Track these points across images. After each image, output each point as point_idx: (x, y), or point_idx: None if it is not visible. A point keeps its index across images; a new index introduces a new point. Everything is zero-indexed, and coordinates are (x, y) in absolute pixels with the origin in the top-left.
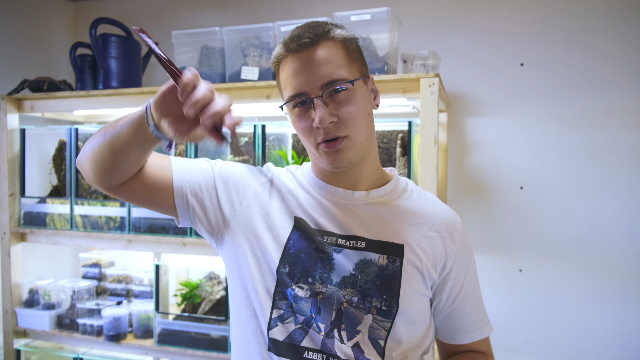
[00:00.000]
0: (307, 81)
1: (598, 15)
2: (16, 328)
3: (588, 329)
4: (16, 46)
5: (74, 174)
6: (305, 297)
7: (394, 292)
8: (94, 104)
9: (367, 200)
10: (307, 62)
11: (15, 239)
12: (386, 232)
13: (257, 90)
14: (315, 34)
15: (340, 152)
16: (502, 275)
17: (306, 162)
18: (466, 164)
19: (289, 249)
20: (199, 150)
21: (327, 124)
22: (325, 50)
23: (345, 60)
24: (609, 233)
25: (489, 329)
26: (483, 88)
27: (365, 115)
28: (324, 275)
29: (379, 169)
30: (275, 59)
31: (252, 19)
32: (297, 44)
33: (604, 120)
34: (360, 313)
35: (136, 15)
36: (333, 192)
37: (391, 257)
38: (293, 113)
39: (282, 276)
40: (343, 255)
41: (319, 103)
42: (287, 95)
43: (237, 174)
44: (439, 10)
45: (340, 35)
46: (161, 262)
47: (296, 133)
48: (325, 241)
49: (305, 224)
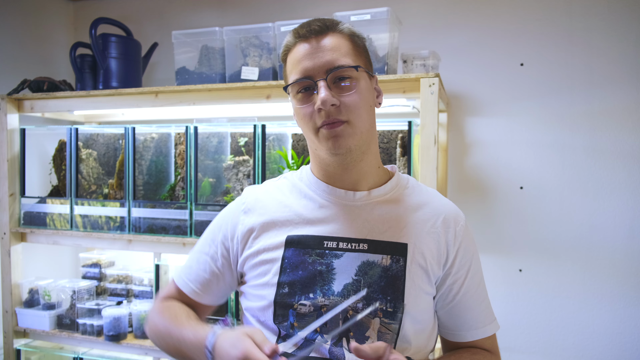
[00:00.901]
0: (312, 65)
1: (598, 15)
2: (16, 328)
3: (588, 329)
4: (16, 46)
5: (74, 174)
6: (309, 312)
7: (399, 293)
8: (94, 104)
9: (369, 200)
10: (314, 48)
11: (15, 239)
12: (389, 231)
13: (257, 90)
14: (324, 24)
15: (340, 138)
16: (502, 275)
17: (304, 165)
18: (466, 164)
19: (285, 268)
20: (199, 150)
21: (328, 105)
22: (333, 40)
23: (352, 51)
24: (609, 233)
25: (495, 327)
26: (483, 88)
27: (368, 107)
28: (324, 287)
29: (380, 166)
30: (285, 47)
31: (252, 19)
32: (306, 30)
33: (604, 120)
34: (367, 318)
35: (136, 15)
36: (334, 193)
37: (395, 257)
38: (296, 98)
39: (282, 298)
40: (344, 260)
41: (323, 85)
42: (292, 78)
43: (219, 237)
44: (439, 10)
45: (348, 29)
46: (161, 262)
47: (296, 132)
48: (325, 247)
49: (299, 237)
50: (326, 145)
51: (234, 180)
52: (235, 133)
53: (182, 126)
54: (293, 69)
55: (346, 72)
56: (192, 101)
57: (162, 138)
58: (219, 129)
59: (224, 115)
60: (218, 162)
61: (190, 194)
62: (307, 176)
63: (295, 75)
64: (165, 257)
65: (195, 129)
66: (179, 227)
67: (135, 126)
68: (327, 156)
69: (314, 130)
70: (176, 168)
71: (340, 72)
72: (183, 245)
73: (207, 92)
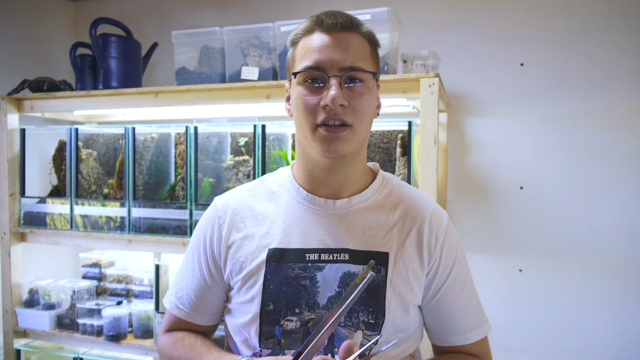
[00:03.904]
0: (330, 59)
1: (598, 15)
2: (16, 328)
3: (588, 329)
4: (16, 46)
5: (74, 174)
6: (296, 328)
7: (380, 303)
8: (94, 104)
9: (350, 208)
10: (335, 42)
11: (15, 239)
12: (370, 240)
13: (257, 90)
14: (351, 20)
15: (339, 142)
16: (502, 275)
17: (282, 168)
18: (466, 164)
19: (268, 284)
20: (199, 150)
21: (337, 104)
22: (356, 40)
23: (370, 57)
24: (609, 233)
25: (485, 330)
26: (483, 88)
27: (371, 115)
28: (310, 301)
29: (366, 172)
30: (301, 31)
31: (252, 19)
32: (332, 21)
33: (604, 120)
34: (349, 331)
35: (136, 15)
36: (314, 202)
37: (376, 267)
38: (302, 86)
39: (267, 315)
40: (327, 272)
41: (335, 82)
42: (303, 65)
43: (203, 255)
44: (439, 10)
45: (370, 33)
46: (161, 262)
47: (293, 125)
48: (307, 259)
49: (280, 251)
50: (321, 146)
51: (234, 180)
52: (235, 133)
53: (182, 126)
54: (306, 55)
55: (362, 75)
56: (192, 101)
57: (162, 138)
58: (219, 129)
59: (224, 115)
60: (218, 162)
61: (190, 194)
62: (288, 182)
63: (308, 63)
64: (165, 257)
65: (195, 129)
66: (179, 227)
67: (135, 126)
68: (318, 157)
69: (311, 126)
70: (176, 168)
71: (356, 74)
72: (183, 245)
73: (207, 92)
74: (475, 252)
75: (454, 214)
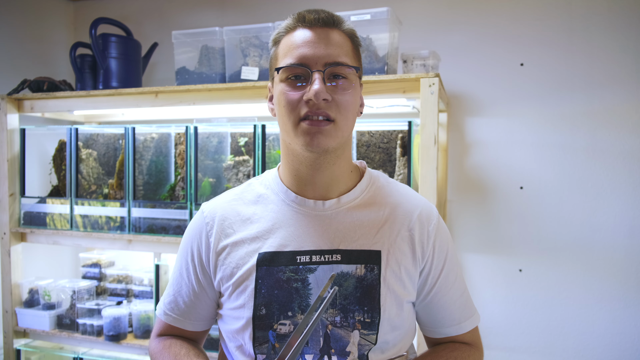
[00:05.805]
0: (313, 54)
1: (598, 15)
2: (16, 328)
3: (588, 329)
4: (16, 46)
5: (74, 174)
6: (289, 332)
7: (375, 302)
8: (94, 104)
9: (340, 208)
10: (318, 38)
11: (15, 239)
12: (362, 239)
13: (257, 90)
14: (332, 17)
15: (322, 135)
16: (502, 275)
17: (268, 171)
18: (466, 164)
19: (260, 289)
20: (199, 150)
21: (320, 98)
22: (338, 36)
23: (352, 53)
24: (609, 233)
25: (475, 321)
26: (483, 88)
27: (354, 112)
28: (302, 304)
29: (353, 170)
30: (283, 29)
31: (252, 19)
32: (314, 17)
33: (604, 120)
34: (345, 332)
35: (136, 15)
36: (303, 204)
37: (369, 266)
38: (285, 82)
39: (260, 320)
40: (319, 274)
41: (318, 77)
42: (286, 62)
43: (192, 263)
44: (439, 10)
45: (351, 30)
46: (161, 262)
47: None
48: (299, 262)
49: (270, 255)
50: (304, 139)
51: (234, 180)
52: (235, 133)
53: (182, 126)
54: (289, 52)
55: (345, 71)
56: (192, 101)
57: (162, 138)
58: (219, 129)
59: (224, 115)
60: (218, 162)
61: (190, 194)
62: (275, 184)
63: (290, 60)
64: (165, 257)
65: (195, 129)
66: (179, 227)
67: (135, 126)
68: (302, 151)
69: (294, 122)
70: (176, 168)
71: (339, 69)
72: None
73: (207, 92)
74: (476, 252)
75: (454, 214)
